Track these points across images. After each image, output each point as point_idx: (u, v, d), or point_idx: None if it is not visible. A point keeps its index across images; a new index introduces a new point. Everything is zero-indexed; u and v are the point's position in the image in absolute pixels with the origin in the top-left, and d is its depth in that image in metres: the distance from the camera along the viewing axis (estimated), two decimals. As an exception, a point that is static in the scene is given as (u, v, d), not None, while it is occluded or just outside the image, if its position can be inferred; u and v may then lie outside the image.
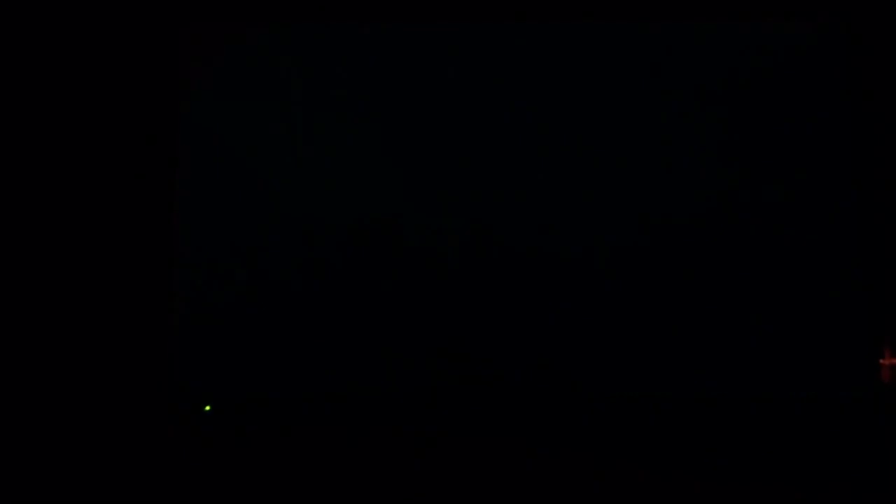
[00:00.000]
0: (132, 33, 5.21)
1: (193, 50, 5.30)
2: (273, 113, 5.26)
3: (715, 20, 5.30)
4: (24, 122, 5.17)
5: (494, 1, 5.30)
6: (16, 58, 5.21)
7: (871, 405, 4.98)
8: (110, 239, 5.08)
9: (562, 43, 5.31)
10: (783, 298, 5.08)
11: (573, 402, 5.01)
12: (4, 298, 5.04)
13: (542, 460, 4.89)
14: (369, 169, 5.23)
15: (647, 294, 5.09)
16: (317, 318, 5.10)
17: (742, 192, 5.17)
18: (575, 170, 5.20)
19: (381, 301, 5.12)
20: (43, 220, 5.10)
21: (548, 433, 4.96)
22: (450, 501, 4.79)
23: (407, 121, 5.27)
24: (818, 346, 5.05)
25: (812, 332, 5.06)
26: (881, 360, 5.03)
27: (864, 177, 5.15)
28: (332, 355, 5.08)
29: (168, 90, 5.21)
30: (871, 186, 5.13)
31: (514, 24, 5.30)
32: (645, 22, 5.30)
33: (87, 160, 5.15)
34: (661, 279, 5.11)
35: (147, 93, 5.19)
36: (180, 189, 5.18)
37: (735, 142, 5.21)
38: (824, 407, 4.98)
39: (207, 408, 5.08)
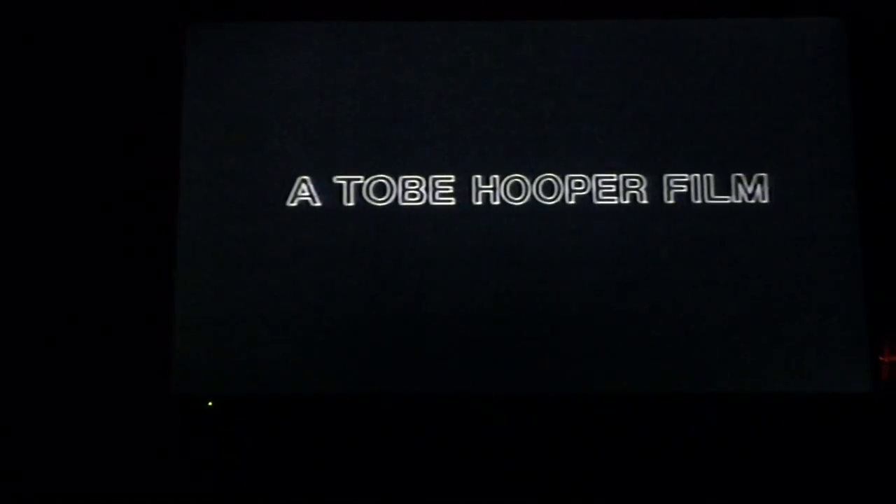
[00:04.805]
0: (135, 33, 5.23)
1: (195, 49, 5.30)
2: (274, 112, 5.25)
3: (716, 18, 5.31)
4: (26, 121, 5.18)
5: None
6: (18, 58, 5.24)
7: (871, 402, 4.99)
8: (111, 238, 5.08)
9: (571, 41, 5.32)
10: (783, 297, 5.08)
11: (573, 402, 5.03)
12: (7, 299, 5.07)
13: (541, 460, 4.94)
14: (368, 166, 5.22)
15: (649, 293, 5.10)
16: (316, 321, 5.11)
17: (743, 190, 5.17)
18: (575, 165, 5.20)
19: (381, 303, 5.13)
20: (45, 220, 5.11)
21: (548, 434, 4.99)
22: (449, 502, 4.85)
23: (407, 119, 5.25)
24: (818, 344, 5.05)
25: (811, 330, 5.06)
26: (881, 358, 5.04)
27: (865, 175, 5.15)
28: (332, 356, 5.09)
29: (170, 89, 5.22)
30: (872, 185, 5.13)
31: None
32: (647, 19, 5.31)
33: (89, 159, 5.15)
34: (662, 278, 5.11)
35: (149, 92, 5.19)
36: (182, 188, 5.18)
37: (734, 141, 5.21)
38: (824, 403, 4.99)
39: (210, 403, 5.11)
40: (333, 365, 5.09)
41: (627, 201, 5.17)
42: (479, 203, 5.18)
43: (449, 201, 5.19)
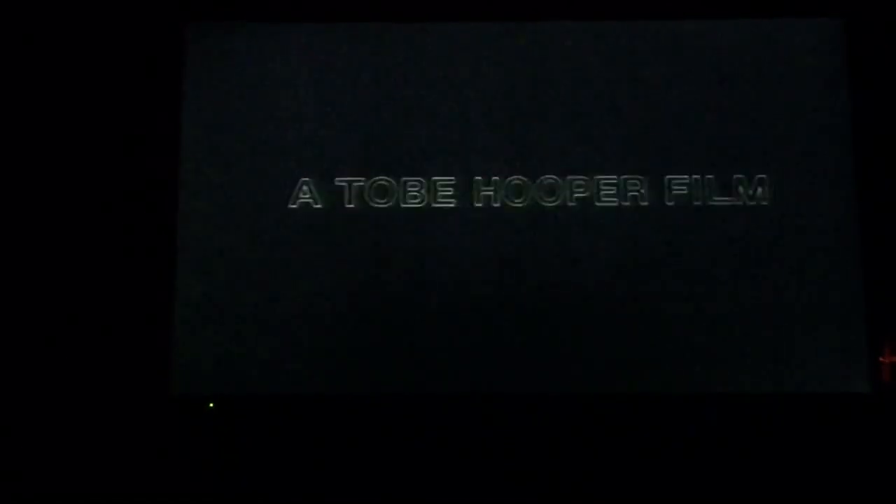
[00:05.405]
0: (135, 32, 5.21)
1: (195, 48, 5.29)
2: (274, 113, 5.24)
3: (716, 18, 5.31)
4: (26, 121, 5.16)
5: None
6: (18, 58, 5.22)
7: (871, 403, 5.00)
8: (112, 238, 5.08)
9: (572, 42, 5.32)
10: (782, 297, 5.08)
11: (573, 402, 5.03)
12: (7, 299, 5.06)
13: (541, 460, 4.94)
14: (369, 168, 5.21)
15: (649, 294, 5.09)
16: (317, 321, 5.11)
17: (744, 191, 5.17)
18: (576, 167, 5.20)
19: (381, 304, 5.12)
20: (45, 220, 5.10)
21: (548, 434, 4.99)
22: (449, 501, 4.85)
23: (407, 121, 5.25)
24: (817, 344, 5.05)
25: (811, 331, 5.06)
26: (881, 358, 5.04)
27: (865, 175, 5.15)
28: (332, 357, 5.09)
29: (170, 89, 5.21)
30: (872, 185, 5.13)
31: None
32: (646, 20, 5.30)
33: (89, 159, 5.14)
34: (663, 279, 5.11)
35: (149, 92, 5.18)
36: (181, 188, 5.18)
37: (734, 142, 5.21)
38: (824, 404, 4.99)
39: (211, 405, 5.11)
40: (333, 365, 5.09)
41: (628, 203, 5.18)
42: (480, 205, 5.19)
43: (450, 203, 5.19)
